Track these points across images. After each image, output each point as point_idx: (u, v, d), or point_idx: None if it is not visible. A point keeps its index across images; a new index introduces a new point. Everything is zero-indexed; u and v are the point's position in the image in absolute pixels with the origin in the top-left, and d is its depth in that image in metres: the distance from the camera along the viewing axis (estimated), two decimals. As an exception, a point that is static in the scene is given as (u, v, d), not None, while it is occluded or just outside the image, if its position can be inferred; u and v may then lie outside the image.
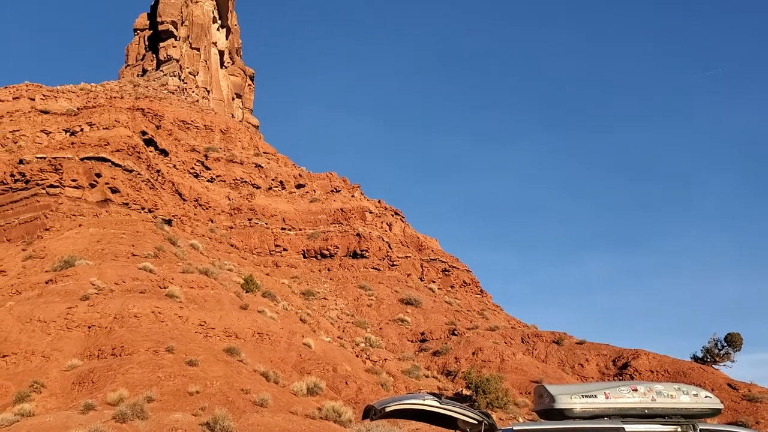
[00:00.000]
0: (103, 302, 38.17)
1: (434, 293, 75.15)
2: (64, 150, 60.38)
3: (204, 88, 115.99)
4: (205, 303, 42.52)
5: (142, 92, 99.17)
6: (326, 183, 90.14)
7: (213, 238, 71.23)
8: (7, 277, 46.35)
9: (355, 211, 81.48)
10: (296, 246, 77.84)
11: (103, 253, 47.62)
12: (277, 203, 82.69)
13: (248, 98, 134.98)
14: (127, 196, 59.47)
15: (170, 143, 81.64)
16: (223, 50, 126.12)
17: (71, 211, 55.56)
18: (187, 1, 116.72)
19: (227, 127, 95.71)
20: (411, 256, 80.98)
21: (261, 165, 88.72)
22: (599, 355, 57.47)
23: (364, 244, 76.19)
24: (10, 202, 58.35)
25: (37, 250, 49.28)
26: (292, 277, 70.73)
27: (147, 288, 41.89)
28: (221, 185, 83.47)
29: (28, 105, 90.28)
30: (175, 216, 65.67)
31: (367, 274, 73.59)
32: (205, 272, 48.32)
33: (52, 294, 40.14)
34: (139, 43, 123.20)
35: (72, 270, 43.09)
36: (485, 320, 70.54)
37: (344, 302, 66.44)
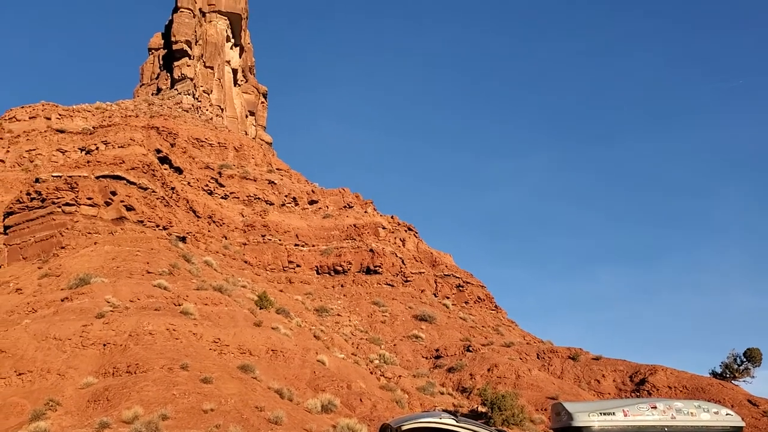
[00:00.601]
0: (118, 320, 38.31)
1: (448, 309, 74.77)
2: (79, 168, 60.94)
3: (218, 106, 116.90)
4: (219, 320, 42.56)
5: (156, 111, 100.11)
6: (339, 199, 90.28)
7: (227, 255, 71.44)
8: (24, 295, 46.65)
9: (368, 226, 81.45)
10: (309, 262, 77.86)
11: (118, 270, 47.86)
12: (290, 219, 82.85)
13: (261, 115, 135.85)
14: (142, 214, 59.83)
15: (184, 161, 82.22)
16: (237, 68, 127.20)
17: (87, 229, 55.95)
18: (200, 20, 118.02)
19: (240, 144, 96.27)
20: (425, 272, 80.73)
21: (274, 181, 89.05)
22: (616, 371, 56.82)
23: (377, 260, 76.06)
24: (26, 221, 58.86)
25: (52, 268, 49.61)
26: (306, 293, 70.69)
27: (162, 305, 42.01)
28: (235, 202, 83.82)
29: (44, 124, 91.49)
30: (189, 233, 65.97)
31: (381, 290, 73.40)
32: (219, 289, 48.41)
33: (68, 312, 40.33)
34: (153, 62, 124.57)
35: (87, 288, 43.31)
36: (500, 336, 70.04)
37: (358, 318, 66.27)
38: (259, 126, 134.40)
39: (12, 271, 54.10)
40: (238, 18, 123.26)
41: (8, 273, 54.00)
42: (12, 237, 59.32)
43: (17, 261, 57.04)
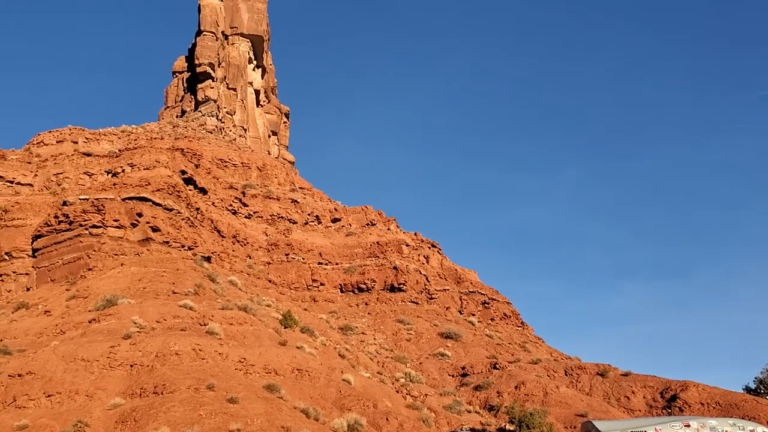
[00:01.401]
0: (145, 340, 38.52)
1: (474, 326, 74.14)
2: (106, 191, 61.75)
3: (241, 127, 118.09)
4: (245, 339, 42.61)
5: (181, 132, 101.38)
6: (362, 217, 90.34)
7: (251, 274, 71.70)
8: (52, 317, 47.17)
9: (391, 244, 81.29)
10: (333, 280, 77.82)
11: (145, 291, 48.23)
12: (313, 238, 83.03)
13: (284, 135, 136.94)
14: (168, 235, 60.36)
15: (209, 181, 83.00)
16: (259, 89, 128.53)
17: (113, 250, 56.55)
18: (223, 43, 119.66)
19: (264, 164, 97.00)
20: (449, 289, 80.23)
21: (297, 200, 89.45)
22: (646, 387, 55.76)
23: (401, 278, 75.78)
24: (54, 243, 59.69)
25: (80, 290, 50.14)
26: (330, 312, 70.58)
27: (187, 325, 42.19)
28: (258, 221, 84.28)
29: (71, 148, 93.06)
30: (214, 253, 66.37)
31: (405, 308, 73.04)
32: (244, 308, 48.54)
33: (95, 333, 40.67)
34: (177, 85, 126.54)
35: (114, 309, 43.67)
36: (527, 353, 69.21)
37: (383, 337, 65.94)
38: (282, 145, 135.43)
39: (41, 294, 54.81)
40: (260, 40, 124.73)
41: (37, 295, 54.70)
42: (40, 260, 60.16)
43: (46, 283, 57.78)
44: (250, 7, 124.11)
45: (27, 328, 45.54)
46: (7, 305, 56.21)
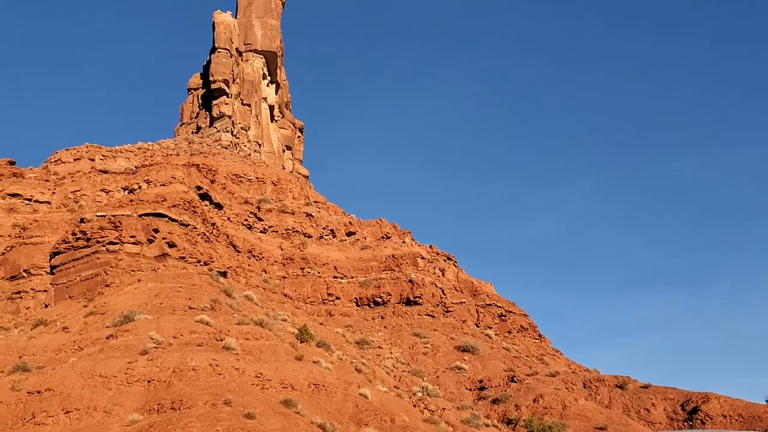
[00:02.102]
0: (162, 356, 38.62)
1: (491, 339, 73.69)
2: (122, 207, 62.25)
3: (255, 142, 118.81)
4: (261, 354, 42.59)
5: (196, 148, 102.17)
6: (376, 230, 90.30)
7: (267, 289, 71.82)
8: (70, 333, 47.47)
9: (406, 257, 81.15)
10: (349, 294, 77.75)
11: (161, 307, 48.43)
12: (328, 252, 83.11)
13: (298, 149, 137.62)
14: (184, 250, 60.66)
15: (224, 196, 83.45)
16: (273, 105, 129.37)
17: (130, 266, 56.91)
18: (237, 59, 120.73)
19: (278, 178, 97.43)
20: (466, 302, 79.87)
21: (312, 214, 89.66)
22: (666, 399, 55.10)
23: (417, 291, 75.55)
24: (72, 260, 60.17)
25: (97, 306, 50.45)
26: (346, 325, 70.47)
27: (204, 341, 42.27)
28: (273, 236, 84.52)
29: (88, 165, 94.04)
30: (229, 268, 66.59)
31: (422, 322, 72.78)
32: (260, 323, 48.56)
33: (113, 349, 40.86)
34: (192, 101, 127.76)
35: (131, 325, 43.87)
36: (545, 366, 68.67)
37: (399, 350, 65.71)
38: (296, 160, 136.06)
39: (59, 310, 55.21)
40: (274, 56, 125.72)
41: (55, 312, 55.12)
42: (58, 276, 60.66)
43: (64, 300, 58.22)
44: (264, 24, 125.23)
45: (45, 344, 45.85)
46: (25, 322, 56.67)
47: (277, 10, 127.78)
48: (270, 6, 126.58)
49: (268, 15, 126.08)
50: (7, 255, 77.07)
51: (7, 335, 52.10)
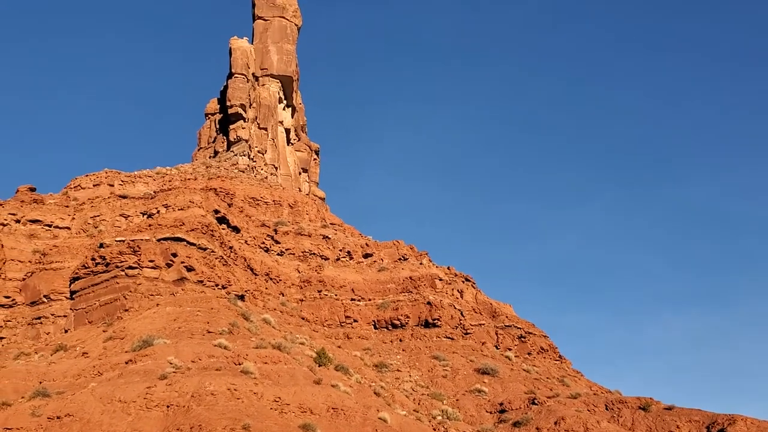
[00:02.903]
0: (181, 381, 38.59)
1: (511, 361, 72.93)
2: (141, 232, 62.69)
3: (272, 165, 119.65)
4: (279, 378, 42.43)
5: (214, 173, 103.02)
6: (393, 251, 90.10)
7: (284, 312, 71.77)
8: (90, 358, 47.63)
9: (424, 278, 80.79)
10: (366, 317, 77.44)
11: (180, 331, 48.50)
12: (345, 274, 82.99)
13: (314, 172, 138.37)
14: (202, 274, 60.87)
15: (241, 220, 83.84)
16: (289, 128, 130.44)
17: (149, 291, 57.17)
18: (254, 84, 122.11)
19: (295, 201, 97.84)
20: (485, 324, 79.24)
21: (328, 236, 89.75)
22: (691, 422, 54.04)
23: (435, 313, 75.05)
24: (91, 285, 60.59)
25: (117, 331, 50.65)
26: (364, 348, 70.09)
27: (222, 365, 42.22)
28: (290, 258, 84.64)
29: (107, 191, 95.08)
30: (247, 291, 66.68)
31: (440, 344, 72.20)
32: (278, 347, 48.44)
33: (132, 374, 40.91)
34: (210, 126, 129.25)
35: (150, 349, 43.95)
36: (566, 387, 67.78)
37: (418, 374, 65.18)
38: (312, 182, 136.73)
39: (78, 335, 55.49)
40: (290, 80, 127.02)
41: (75, 337, 55.39)
42: (78, 302, 61.06)
43: (83, 325, 58.53)
44: (280, 49, 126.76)
45: (65, 370, 46.03)
46: (46, 347, 57.01)
47: (292, 36, 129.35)
48: (285, 32, 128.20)
49: (284, 40, 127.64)
50: (28, 281, 77.81)
51: (28, 361, 52.44)
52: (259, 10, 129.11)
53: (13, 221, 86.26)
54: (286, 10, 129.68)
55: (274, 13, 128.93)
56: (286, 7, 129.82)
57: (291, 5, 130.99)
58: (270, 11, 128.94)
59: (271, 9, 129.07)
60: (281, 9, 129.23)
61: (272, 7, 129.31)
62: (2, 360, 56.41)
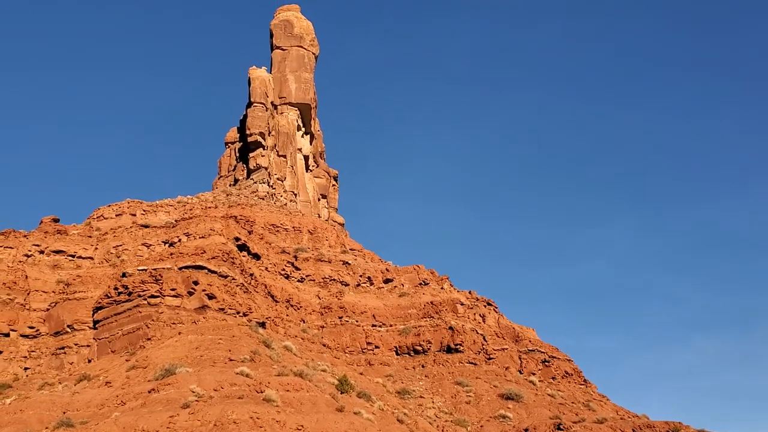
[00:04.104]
0: (203, 409, 38.47)
1: (535, 386, 71.93)
2: (163, 261, 63.09)
3: (291, 192, 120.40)
4: (302, 406, 42.15)
5: (234, 200, 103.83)
6: (414, 276, 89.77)
7: (305, 339, 71.55)
8: (113, 388, 47.71)
9: (445, 303, 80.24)
10: (388, 343, 76.95)
11: (202, 359, 48.47)
12: (366, 300, 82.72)
13: (333, 198, 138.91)
14: (223, 302, 60.99)
15: (261, 247, 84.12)
16: (308, 155, 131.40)
17: (171, 319, 57.34)
18: (273, 112, 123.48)
19: (314, 227, 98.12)
20: (508, 348, 78.38)
21: (348, 262, 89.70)
22: (723, 447, 52.69)
23: (457, 338, 74.38)
24: (114, 315, 60.93)
25: (139, 360, 50.75)
26: (386, 375, 69.54)
27: (244, 393, 42.05)
28: (311, 284, 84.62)
29: (129, 221, 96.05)
30: (268, 318, 66.63)
31: (463, 369, 71.41)
32: (299, 374, 48.21)
33: (155, 403, 40.87)
34: (230, 155, 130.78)
35: (173, 378, 43.93)
36: (592, 412, 66.61)
37: (441, 400, 64.44)
38: (331, 208, 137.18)
39: (101, 365, 55.68)
40: (308, 108, 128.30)
41: (98, 367, 55.58)
42: (101, 331, 61.38)
43: (106, 354, 58.76)
44: (298, 78, 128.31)
45: (89, 399, 46.12)
46: (69, 377, 57.24)
47: (310, 64, 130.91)
48: (303, 60, 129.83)
49: (302, 69, 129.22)
50: (52, 311, 78.46)
51: (52, 391, 52.65)
52: (277, 40, 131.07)
53: (37, 252, 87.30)
54: (304, 39, 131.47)
55: (292, 42, 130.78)
56: (304, 37, 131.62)
57: (308, 34, 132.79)
58: (288, 41, 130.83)
59: (288, 39, 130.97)
60: (299, 38, 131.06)
61: (290, 36, 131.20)
62: (27, 390, 56.71)
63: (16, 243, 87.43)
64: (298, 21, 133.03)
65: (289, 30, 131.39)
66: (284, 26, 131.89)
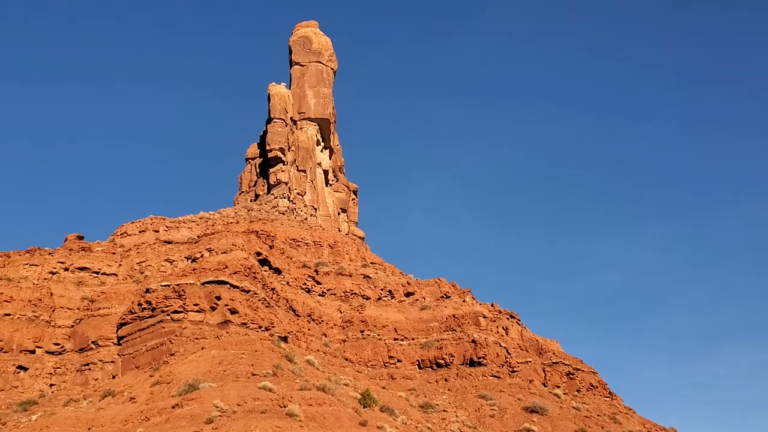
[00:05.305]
0: (227, 424, 38.47)
1: (560, 399, 71.01)
2: (186, 276, 63.46)
3: (311, 207, 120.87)
4: (325, 421, 42.00)
5: (255, 215, 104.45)
6: (435, 289, 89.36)
7: (327, 353, 71.45)
8: (137, 403, 47.93)
9: (467, 316, 79.72)
10: (410, 356, 76.55)
11: (225, 374, 48.56)
12: (387, 313, 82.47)
13: (353, 212, 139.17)
14: (245, 316, 61.13)
15: (283, 261, 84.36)
16: (327, 169, 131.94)
17: (194, 334, 57.57)
18: (292, 128, 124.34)
19: (335, 241, 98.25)
20: (531, 361, 77.58)
21: (369, 276, 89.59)
22: (755, 461, 51.53)
23: (480, 351, 73.79)
24: (138, 330, 61.32)
25: (163, 375, 50.96)
26: (409, 389, 69.11)
27: (267, 408, 42.01)
28: (332, 298, 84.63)
29: (152, 237, 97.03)
30: (290, 332, 66.64)
31: (487, 383, 70.76)
32: (322, 389, 48.10)
33: (179, 419, 40.95)
34: (251, 170, 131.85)
35: (196, 393, 44.03)
36: (618, 425, 65.63)
37: (465, 414, 63.85)
38: (351, 222, 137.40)
39: (126, 381, 56.00)
40: (327, 123, 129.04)
41: (122, 382, 55.91)
42: (125, 347, 61.79)
43: (130, 370, 59.08)
44: (317, 93, 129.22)
45: (114, 415, 46.37)
46: (94, 393, 57.64)
47: (328, 79, 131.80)
48: (322, 76, 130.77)
49: (321, 84, 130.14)
50: (77, 327, 79.35)
51: (77, 407, 53.05)
52: (296, 56, 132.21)
53: (62, 269, 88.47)
54: (322, 54, 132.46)
55: (311, 58, 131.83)
56: (322, 52, 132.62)
57: (327, 50, 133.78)
58: (306, 57, 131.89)
59: (307, 55, 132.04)
60: (317, 54, 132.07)
61: (308, 52, 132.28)
62: (52, 407, 57.25)
63: (41, 260, 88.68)
64: (316, 37, 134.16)
65: (307, 46, 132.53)
66: (303, 42, 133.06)
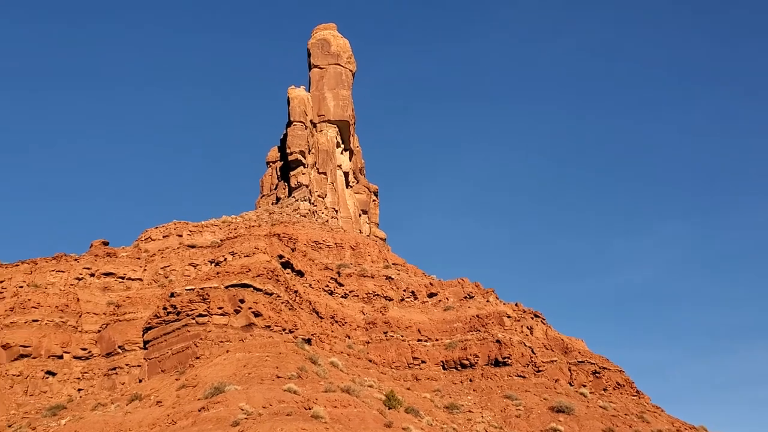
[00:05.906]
0: (253, 427, 38.53)
1: (586, 398, 70.25)
2: (210, 280, 63.85)
3: (332, 209, 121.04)
4: (350, 422, 41.91)
5: (277, 218, 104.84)
6: (458, 290, 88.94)
7: (351, 355, 71.41)
8: (164, 407, 48.23)
9: (491, 316, 79.22)
10: (434, 357, 76.25)
11: (250, 377, 48.71)
12: (410, 314, 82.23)
13: (374, 213, 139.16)
14: (269, 319, 61.33)
15: (305, 264, 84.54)
16: (348, 171, 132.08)
17: (219, 338, 57.86)
18: (312, 131, 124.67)
19: (356, 242, 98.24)
20: (557, 360, 76.86)
21: (391, 277, 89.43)
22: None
23: (505, 351, 73.27)
24: (163, 334, 61.80)
25: (189, 379, 51.24)
26: (434, 390, 68.84)
27: (293, 410, 42.02)
28: (354, 300, 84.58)
29: (176, 241, 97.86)
30: (313, 335, 66.74)
31: (512, 383, 70.25)
32: (347, 390, 48.03)
33: (205, 422, 41.12)
34: (271, 174, 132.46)
35: (222, 396, 44.19)
36: (646, 424, 64.78)
37: (491, 414, 63.44)
38: (372, 223, 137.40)
39: (152, 384, 56.42)
40: (346, 125, 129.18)
41: (149, 386, 56.34)
42: (151, 351, 62.29)
43: (157, 374, 59.54)
44: (336, 95, 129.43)
45: (140, 419, 46.70)
46: (121, 397, 58.14)
47: (347, 81, 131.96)
48: (341, 78, 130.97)
49: (340, 86, 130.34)
50: (103, 332, 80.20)
51: (105, 411, 53.52)
52: (315, 59, 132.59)
53: (87, 275, 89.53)
54: (341, 57, 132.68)
55: (329, 60, 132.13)
56: (341, 54, 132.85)
57: (345, 52, 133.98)
58: (325, 59, 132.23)
59: (326, 57, 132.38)
60: (336, 56, 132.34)
61: (327, 55, 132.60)
62: (80, 411, 57.83)
63: (67, 267, 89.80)
64: (335, 39, 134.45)
65: (326, 48, 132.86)
66: (321, 45, 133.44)
